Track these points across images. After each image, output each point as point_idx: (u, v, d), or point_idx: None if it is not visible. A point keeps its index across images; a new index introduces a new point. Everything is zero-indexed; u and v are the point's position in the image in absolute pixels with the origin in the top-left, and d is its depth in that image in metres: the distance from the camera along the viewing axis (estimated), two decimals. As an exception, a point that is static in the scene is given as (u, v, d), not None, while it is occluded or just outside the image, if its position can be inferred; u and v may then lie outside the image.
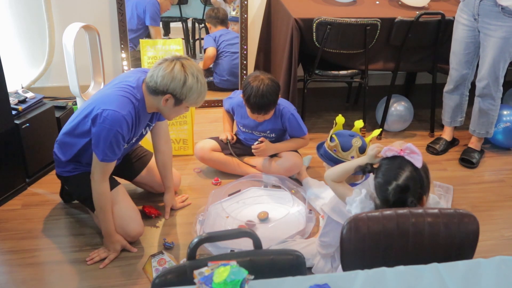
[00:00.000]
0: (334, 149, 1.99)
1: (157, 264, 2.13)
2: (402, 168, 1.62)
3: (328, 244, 2.05)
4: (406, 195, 1.60)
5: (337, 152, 1.98)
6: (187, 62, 2.10)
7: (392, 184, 1.60)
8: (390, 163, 1.65)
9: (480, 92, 2.97)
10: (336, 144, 1.98)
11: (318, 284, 1.25)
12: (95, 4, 3.44)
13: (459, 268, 1.35)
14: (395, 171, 1.62)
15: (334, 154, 2.00)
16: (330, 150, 2.01)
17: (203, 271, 1.16)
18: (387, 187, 1.61)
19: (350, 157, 1.96)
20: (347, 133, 2.03)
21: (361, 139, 1.98)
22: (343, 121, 2.08)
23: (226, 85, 3.69)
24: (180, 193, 2.71)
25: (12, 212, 2.52)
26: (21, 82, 3.39)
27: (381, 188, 1.64)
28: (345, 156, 1.97)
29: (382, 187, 1.63)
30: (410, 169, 1.61)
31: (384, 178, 1.63)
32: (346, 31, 2.99)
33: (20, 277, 2.14)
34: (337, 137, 1.99)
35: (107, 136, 2.04)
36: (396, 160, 1.64)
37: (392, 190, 1.60)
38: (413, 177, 1.61)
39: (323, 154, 2.05)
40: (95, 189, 2.15)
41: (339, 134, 2.02)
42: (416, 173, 1.61)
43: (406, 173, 1.61)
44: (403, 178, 1.60)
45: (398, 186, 1.60)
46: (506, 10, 2.68)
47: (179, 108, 2.17)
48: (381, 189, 1.64)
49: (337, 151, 1.98)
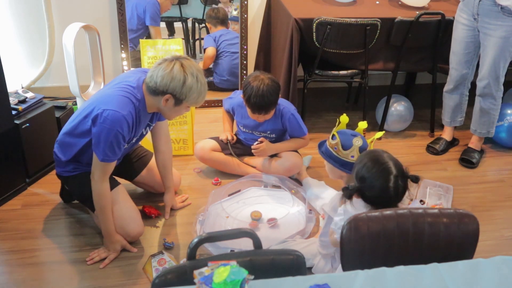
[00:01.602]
0: (335, 147, 1.99)
1: (157, 264, 2.13)
2: (385, 168, 1.67)
3: (328, 244, 2.05)
4: (406, 175, 1.67)
5: (337, 150, 1.98)
6: (186, 62, 2.09)
7: (390, 179, 1.66)
8: (370, 171, 1.68)
9: (481, 91, 2.97)
10: (337, 142, 1.98)
11: (318, 284, 1.25)
12: (95, 4, 3.44)
13: (459, 268, 1.35)
14: (382, 171, 1.67)
15: (334, 152, 2.00)
16: (331, 148, 2.01)
17: (203, 271, 1.16)
18: (388, 184, 1.65)
19: (350, 157, 1.96)
20: (350, 133, 2.03)
21: (362, 139, 1.98)
22: (347, 121, 2.08)
23: (226, 85, 3.69)
24: (180, 193, 2.71)
25: (12, 212, 2.52)
26: (21, 82, 3.38)
27: (382, 191, 1.67)
28: (345, 155, 1.97)
29: (382, 189, 1.66)
30: (386, 159, 1.68)
31: (379, 182, 1.66)
32: (346, 31, 2.99)
33: (20, 277, 2.14)
34: (339, 135, 1.99)
35: (108, 136, 2.04)
36: (374, 167, 1.68)
37: (393, 184, 1.66)
38: (395, 160, 1.70)
39: (324, 152, 2.06)
40: (95, 189, 2.15)
41: (341, 133, 2.02)
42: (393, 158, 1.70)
43: (390, 163, 1.67)
44: (393, 167, 1.66)
45: (396, 176, 1.66)
46: (506, 9, 2.68)
47: (179, 108, 2.17)
48: (383, 192, 1.67)
49: (337, 149, 1.98)
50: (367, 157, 1.70)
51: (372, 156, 1.70)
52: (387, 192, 1.68)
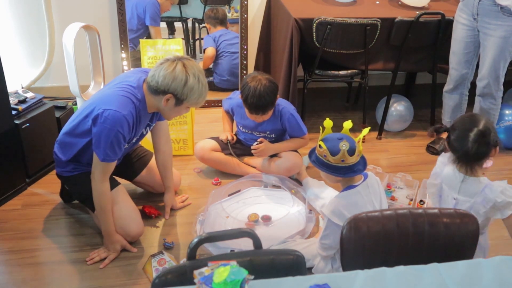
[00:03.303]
0: (324, 154, 1.97)
1: (157, 264, 2.13)
2: (477, 119, 1.84)
3: (329, 247, 2.05)
4: (487, 139, 1.80)
5: (327, 157, 1.96)
6: (188, 63, 2.10)
7: (474, 130, 1.80)
8: (462, 120, 1.90)
9: (481, 91, 2.97)
10: (324, 150, 1.96)
11: (318, 284, 1.25)
12: (95, 4, 3.44)
13: (459, 268, 1.35)
14: (471, 121, 1.84)
15: (325, 159, 1.98)
16: (321, 156, 1.99)
17: (203, 271, 1.16)
18: (468, 134, 1.79)
19: (340, 161, 1.95)
20: (335, 137, 1.99)
21: (348, 141, 1.95)
22: (331, 125, 2.05)
23: (226, 85, 3.69)
24: (180, 193, 2.71)
25: (12, 212, 2.52)
26: (21, 82, 3.39)
27: (462, 138, 1.82)
28: (336, 160, 1.95)
29: (462, 137, 1.82)
30: (483, 119, 1.85)
31: (464, 127, 1.83)
32: (346, 31, 2.99)
33: (20, 277, 2.14)
34: (324, 143, 1.96)
35: (108, 136, 2.04)
36: (467, 118, 1.90)
37: (473, 135, 1.79)
38: (489, 123, 1.84)
39: (315, 161, 2.04)
40: (95, 189, 2.15)
41: (326, 140, 1.99)
42: (488, 121, 1.85)
43: (483, 121, 1.83)
44: (482, 124, 1.82)
45: (480, 130, 1.79)
46: (505, 9, 2.68)
47: (179, 108, 2.17)
48: (462, 140, 1.82)
49: (327, 156, 1.96)
50: (469, 114, 2.02)
51: (472, 115, 1.99)
52: (465, 141, 1.82)
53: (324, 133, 2.04)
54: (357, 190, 2.00)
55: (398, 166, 3.08)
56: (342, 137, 1.98)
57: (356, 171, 1.99)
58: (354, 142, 1.98)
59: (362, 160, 2.03)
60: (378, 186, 2.09)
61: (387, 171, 2.93)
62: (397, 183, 2.82)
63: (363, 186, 2.02)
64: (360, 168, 2.00)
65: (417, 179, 2.82)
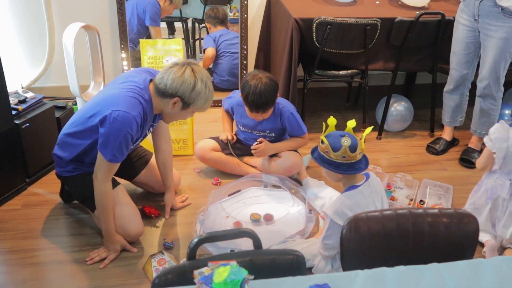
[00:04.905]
0: (326, 150, 1.98)
1: (157, 264, 2.13)
2: None
3: (331, 247, 2.05)
4: None
5: (329, 153, 1.98)
6: (197, 68, 2.13)
7: None
8: None
9: (481, 92, 2.97)
10: (326, 146, 1.97)
11: (318, 284, 1.25)
12: (95, 4, 3.44)
13: (459, 268, 1.35)
14: None
15: (326, 155, 1.99)
16: (323, 152, 2.01)
17: (203, 271, 1.16)
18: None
19: (342, 157, 1.96)
20: (338, 134, 2.01)
21: (350, 138, 1.97)
22: (335, 123, 2.07)
23: (226, 85, 3.69)
24: (180, 193, 2.71)
25: (12, 212, 2.52)
26: (21, 82, 3.39)
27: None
28: (337, 156, 1.96)
29: None
30: None
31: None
32: (346, 31, 2.99)
33: (20, 277, 2.14)
34: (327, 139, 1.98)
35: (117, 137, 2.04)
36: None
37: None
38: None
39: (317, 157, 2.05)
40: (98, 189, 2.15)
41: (328, 136, 2.01)
42: None
43: None
44: None
45: None
46: (506, 10, 2.68)
47: (185, 112, 2.19)
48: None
49: (328, 152, 1.98)
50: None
51: None
52: None
53: (328, 131, 2.06)
54: (360, 190, 2.00)
55: (398, 166, 3.08)
56: (344, 134, 1.99)
57: (357, 169, 1.99)
58: (356, 139, 1.99)
59: (364, 159, 2.03)
60: (379, 187, 2.10)
61: (387, 171, 2.94)
62: (397, 183, 2.82)
63: (365, 186, 2.02)
64: (362, 167, 2.00)
65: (417, 179, 2.83)
